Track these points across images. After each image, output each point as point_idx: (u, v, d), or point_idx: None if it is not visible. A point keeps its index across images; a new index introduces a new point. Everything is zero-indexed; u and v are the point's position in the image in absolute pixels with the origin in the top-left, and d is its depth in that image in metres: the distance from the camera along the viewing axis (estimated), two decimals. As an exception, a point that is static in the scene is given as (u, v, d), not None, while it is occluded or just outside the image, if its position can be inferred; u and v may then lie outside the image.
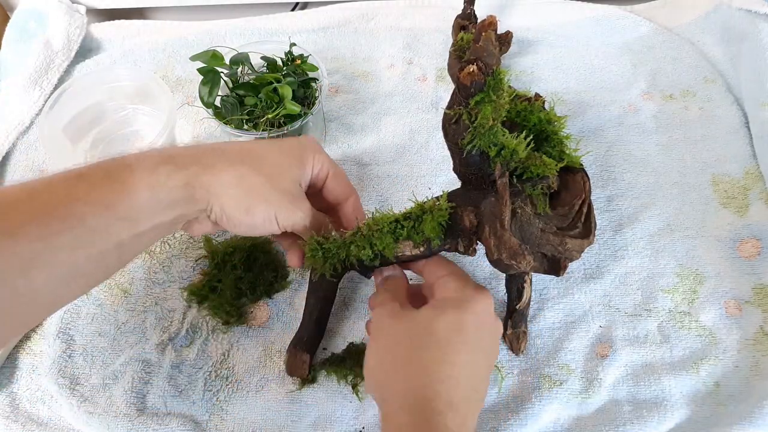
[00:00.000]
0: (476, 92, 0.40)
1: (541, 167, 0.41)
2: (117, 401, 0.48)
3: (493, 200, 0.41)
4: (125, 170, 0.37)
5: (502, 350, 0.50)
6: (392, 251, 0.43)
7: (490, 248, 0.40)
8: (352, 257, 0.44)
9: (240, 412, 0.48)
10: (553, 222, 0.41)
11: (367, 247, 0.44)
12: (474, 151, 0.42)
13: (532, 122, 0.45)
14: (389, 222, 0.44)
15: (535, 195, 0.41)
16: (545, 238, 0.39)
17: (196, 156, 0.40)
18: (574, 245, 0.39)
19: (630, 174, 0.60)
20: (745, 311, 0.51)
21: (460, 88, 0.40)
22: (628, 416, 0.46)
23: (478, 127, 0.40)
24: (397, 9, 0.76)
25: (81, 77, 0.62)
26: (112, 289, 0.54)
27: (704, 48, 0.70)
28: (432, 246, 0.43)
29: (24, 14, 0.72)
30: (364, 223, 0.45)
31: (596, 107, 0.65)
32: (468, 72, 0.39)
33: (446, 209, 0.43)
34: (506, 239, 0.38)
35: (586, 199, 0.41)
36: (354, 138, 0.64)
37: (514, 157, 0.41)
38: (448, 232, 0.43)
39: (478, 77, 0.39)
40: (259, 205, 0.41)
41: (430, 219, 0.42)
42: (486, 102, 0.40)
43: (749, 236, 0.55)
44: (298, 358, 0.48)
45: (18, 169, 0.63)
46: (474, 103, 0.40)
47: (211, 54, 0.57)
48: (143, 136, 0.65)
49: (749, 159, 0.60)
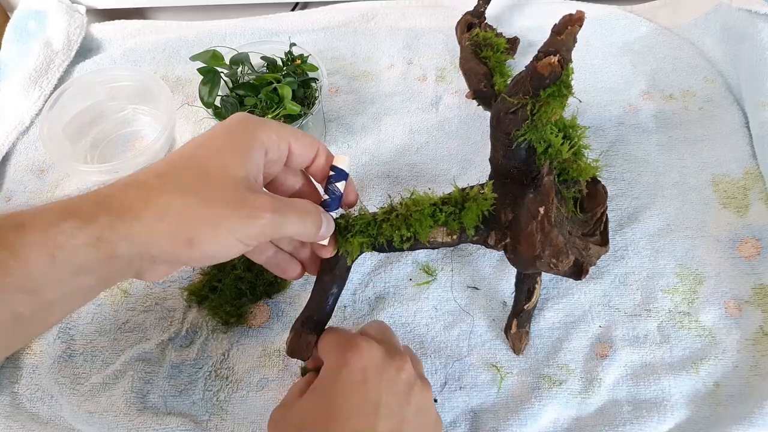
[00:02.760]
0: (550, 84, 0.39)
1: (577, 171, 0.41)
2: (117, 401, 0.48)
3: (532, 197, 0.40)
4: (14, 231, 0.30)
5: (501, 350, 0.50)
6: (427, 235, 0.41)
7: (534, 244, 0.39)
8: (382, 238, 0.41)
9: (240, 412, 0.48)
10: (577, 227, 0.41)
11: (402, 227, 0.41)
12: (523, 145, 0.41)
13: (560, 126, 0.45)
14: (429, 204, 0.42)
15: (567, 198, 0.41)
16: (572, 241, 0.39)
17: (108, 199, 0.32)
18: (594, 251, 0.39)
19: (630, 174, 0.60)
20: (744, 311, 0.51)
21: (536, 77, 0.39)
22: (627, 416, 0.46)
23: (537, 120, 0.40)
24: (397, 9, 0.76)
25: (81, 77, 0.62)
26: (112, 289, 0.54)
27: (704, 48, 0.70)
28: (465, 235, 0.42)
29: (24, 14, 0.72)
30: (401, 202, 0.42)
31: (596, 107, 0.65)
32: (549, 62, 0.37)
33: (490, 199, 0.42)
34: (553, 237, 0.38)
35: (606, 209, 0.41)
36: (354, 138, 0.64)
37: (557, 157, 0.41)
38: (484, 223, 0.42)
39: (556, 69, 0.38)
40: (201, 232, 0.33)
41: (475, 207, 0.41)
42: (556, 96, 0.39)
43: (749, 236, 0.55)
44: (303, 338, 0.43)
45: (18, 169, 0.63)
46: (545, 95, 0.39)
47: (211, 54, 0.57)
48: (143, 136, 0.65)
49: (749, 159, 0.60)
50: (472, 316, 0.52)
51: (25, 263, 0.29)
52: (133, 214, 0.32)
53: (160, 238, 0.32)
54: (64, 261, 0.30)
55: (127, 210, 0.32)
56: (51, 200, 0.60)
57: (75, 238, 0.30)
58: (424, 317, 0.52)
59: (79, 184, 0.61)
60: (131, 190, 0.33)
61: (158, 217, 0.32)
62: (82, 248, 0.30)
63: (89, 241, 0.30)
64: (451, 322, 0.52)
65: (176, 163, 0.35)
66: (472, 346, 0.51)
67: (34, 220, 0.30)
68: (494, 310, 0.52)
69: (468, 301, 0.53)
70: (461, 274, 0.54)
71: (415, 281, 0.54)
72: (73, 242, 0.30)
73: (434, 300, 0.53)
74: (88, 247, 0.30)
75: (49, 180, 0.62)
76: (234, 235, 0.33)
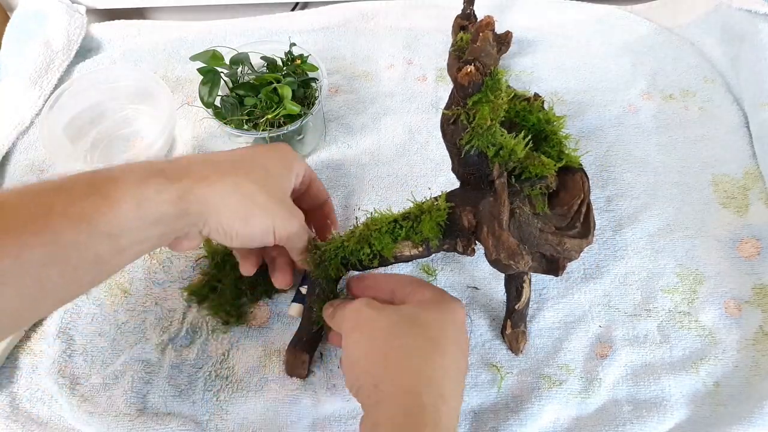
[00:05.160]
0: (474, 92, 0.40)
1: (539, 167, 0.41)
2: (117, 401, 0.48)
3: (491, 200, 0.41)
4: (110, 183, 0.35)
5: (501, 350, 0.50)
6: (391, 251, 0.44)
7: (489, 248, 0.40)
8: (352, 258, 0.44)
9: (240, 412, 0.48)
10: (552, 222, 0.41)
11: (365, 246, 0.44)
12: (472, 152, 0.42)
13: (531, 122, 0.45)
14: (388, 222, 0.44)
15: (533, 195, 0.41)
16: (544, 237, 0.39)
17: (187, 168, 0.38)
18: (572, 245, 0.39)
19: (630, 174, 0.60)
20: (744, 311, 0.51)
21: (458, 88, 0.40)
22: (627, 416, 0.46)
23: (476, 127, 0.40)
24: (397, 9, 0.76)
25: (81, 77, 0.62)
26: (112, 289, 0.54)
27: (704, 48, 0.70)
28: (431, 246, 0.43)
29: (24, 14, 0.72)
30: (363, 223, 0.45)
31: (596, 107, 0.65)
32: (465, 72, 0.39)
33: (444, 209, 0.43)
34: (504, 239, 0.38)
35: (585, 199, 0.41)
36: (354, 138, 0.64)
37: (512, 157, 0.41)
38: (446, 232, 0.43)
39: (475, 77, 0.39)
40: (257, 215, 0.40)
41: (428, 219, 0.43)
42: (483, 102, 0.40)
43: (749, 236, 0.55)
44: (298, 357, 0.48)
45: (18, 169, 0.63)
46: (472, 104, 0.40)
47: (211, 54, 0.57)
48: (143, 136, 0.65)
49: (749, 159, 0.60)
50: (472, 316, 0.52)
51: (116, 210, 0.34)
52: (210, 182, 0.38)
53: (226, 209, 0.39)
54: (148, 212, 0.35)
55: (205, 178, 0.38)
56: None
57: (161, 194, 0.36)
58: (424, 317, 0.52)
59: (79, 184, 0.61)
60: (208, 165, 0.40)
61: (229, 191, 0.39)
62: (164, 203, 0.36)
63: (171, 198, 0.36)
64: (451, 322, 0.52)
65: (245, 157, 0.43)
66: (471, 346, 0.51)
67: (125, 174, 0.36)
68: (494, 310, 0.52)
69: (468, 301, 0.53)
70: (461, 274, 0.54)
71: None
72: (158, 197, 0.36)
73: (434, 300, 0.53)
74: (169, 203, 0.36)
75: (49, 180, 0.62)
76: (276, 226, 0.41)
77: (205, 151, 0.64)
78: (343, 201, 0.59)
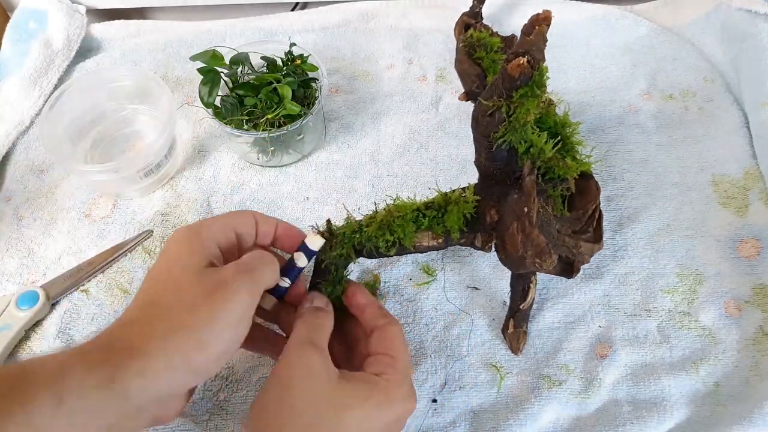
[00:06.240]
0: (522, 85, 0.39)
1: (563, 169, 0.41)
2: (117, 401, 0.48)
3: (516, 197, 0.40)
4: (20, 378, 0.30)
5: (501, 350, 0.50)
6: (411, 240, 0.42)
7: (516, 245, 0.39)
8: (368, 244, 0.42)
9: (240, 412, 0.48)
10: (567, 225, 0.41)
11: (386, 233, 0.42)
12: (504, 146, 0.41)
13: (548, 124, 0.45)
14: (412, 210, 0.43)
15: (554, 196, 0.41)
16: (561, 239, 0.39)
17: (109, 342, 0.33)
18: (586, 249, 0.39)
19: (630, 174, 0.60)
20: (744, 311, 0.51)
21: (507, 79, 0.39)
22: (627, 416, 0.46)
23: (513, 121, 0.40)
24: (397, 9, 0.76)
25: (81, 77, 0.62)
26: (112, 289, 0.54)
27: (704, 48, 0.70)
28: (450, 238, 0.42)
29: (24, 14, 0.72)
30: (384, 209, 0.43)
31: (596, 107, 0.65)
32: (518, 63, 0.37)
33: (472, 202, 0.42)
34: (534, 237, 0.38)
35: (598, 205, 0.41)
36: (354, 138, 0.64)
37: (541, 156, 0.41)
38: (468, 225, 0.42)
39: (526, 70, 0.38)
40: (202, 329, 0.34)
41: (456, 210, 0.42)
42: (529, 96, 0.39)
43: (749, 236, 0.55)
44: None
45: (18, 169, 0.63)
46: (518, 96, 0.39)
47: (211, 54, 0.57)
48: (143, 136, 0.65)
49: (749, 159, 0.60)
50: (472, 316, 0.52)
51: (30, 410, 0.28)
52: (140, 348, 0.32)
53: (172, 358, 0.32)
54: (73, 405, 0.29)
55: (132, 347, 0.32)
56: (51, 200, 0.60)
57: (85, 381, 0.30)
58: (424, 317, 0.52)
59: (79, 184, 0.61)
60: (126, 328, 0.34)
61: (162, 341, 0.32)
62: (93, 390, 0.30)
63: (101, 382, 0.30)
64: (451, 322, 0.52)
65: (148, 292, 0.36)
66: (471, 346, 0.51)
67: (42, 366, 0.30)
68: (494, 310, 0.52)
69: (468, 301, 0.53)
70: (461, 274, 0.54)
71: (415, 281, 0.54)
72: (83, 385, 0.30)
73: (434, 300, 0.53)
74: (99, 389, 0.30)
75: (49, 180, 0.62)
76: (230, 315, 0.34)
77: (204, 151, 0.64)
78: (343, 201, 0.59)
